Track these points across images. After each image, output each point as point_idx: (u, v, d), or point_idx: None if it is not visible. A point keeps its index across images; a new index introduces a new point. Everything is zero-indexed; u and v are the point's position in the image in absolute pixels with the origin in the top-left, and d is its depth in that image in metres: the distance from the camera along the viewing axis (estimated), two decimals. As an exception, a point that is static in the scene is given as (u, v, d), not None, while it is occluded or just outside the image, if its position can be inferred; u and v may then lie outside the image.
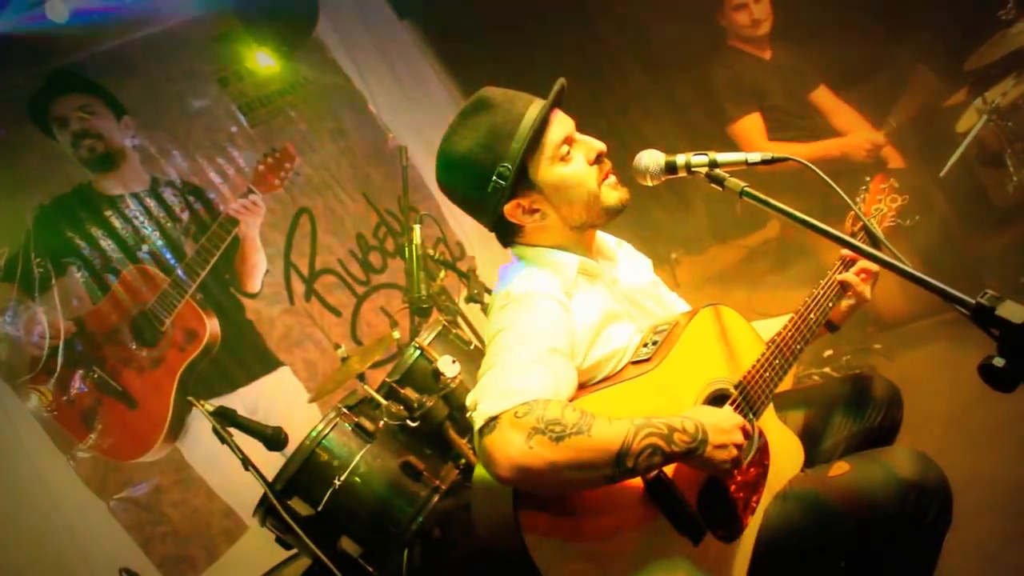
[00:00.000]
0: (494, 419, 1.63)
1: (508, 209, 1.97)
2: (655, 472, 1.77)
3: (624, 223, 2.11)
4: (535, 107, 1.95)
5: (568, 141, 1.98)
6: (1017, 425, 3.00)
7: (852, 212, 2.30)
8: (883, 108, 4.25)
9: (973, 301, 1.42)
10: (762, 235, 5.24)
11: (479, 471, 1.81)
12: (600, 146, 2.02)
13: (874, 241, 2.08)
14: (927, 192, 3.86)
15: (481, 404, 1.68)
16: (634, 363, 1.96)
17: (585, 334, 1.93)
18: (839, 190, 1.80)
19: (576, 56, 5.22)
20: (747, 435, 1.81)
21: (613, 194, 2.02)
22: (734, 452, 1.76)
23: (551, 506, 1.70)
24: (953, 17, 4.04)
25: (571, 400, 1.78)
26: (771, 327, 2.18)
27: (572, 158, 1.98)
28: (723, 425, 1.76)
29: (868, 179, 2.47)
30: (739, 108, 4.32)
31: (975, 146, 3.66)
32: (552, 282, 1.95)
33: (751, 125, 4.30)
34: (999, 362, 1.39)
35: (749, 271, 5.17)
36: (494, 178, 1.92)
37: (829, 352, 4.10)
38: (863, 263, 2.24)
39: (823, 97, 4.44)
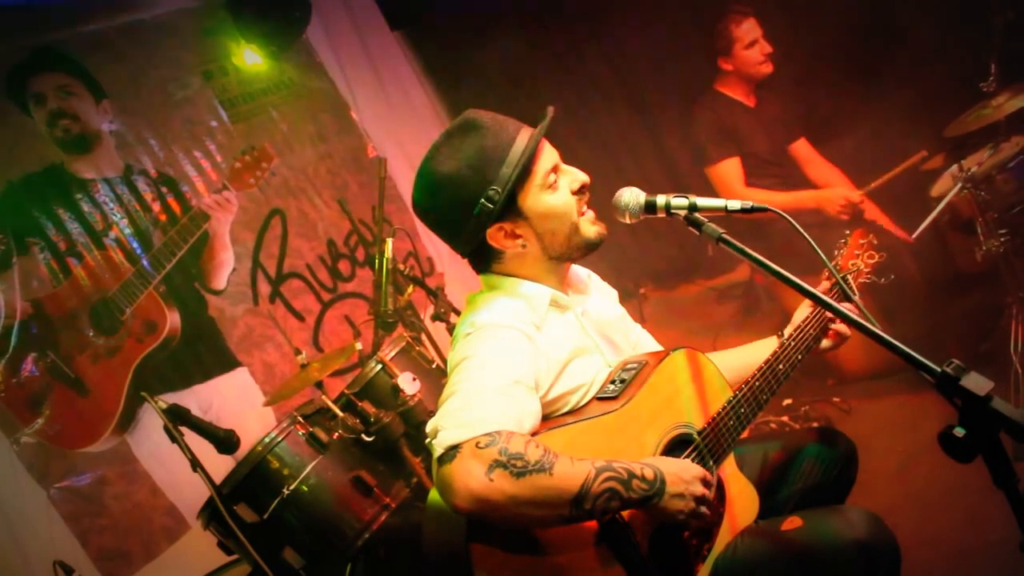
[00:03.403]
0: (455, 448, 1.62)
1: (491, 233, 1.95)
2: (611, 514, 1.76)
3: (595, 253, 2.10)
4: (525, 133, 1.95)
5: (555, 170, 1.98)
6: (966, 490, 3.03)
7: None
8: (860, 165, 4.31)
9: (939, 369, 1.43)
10: (732, 278, 5.28)
11: (434, 496, 1.79)
12: (584, 177, 2.02)
13: (847, 299, 2.10)
14: (896, 252, 3.91)
15: (442, 432, 1.66)
16: (600, 400, 1.95)
17: (552, 367, 1.92)
18: (817, 248, 1.81)
19: (564, 87, 5.24)
20: (708, 486, 1.81)
21: (592, 228, 2.02)
22: (692, 504, 1.75)
23: (503, 542, 1.69)
24: (938, 83, 4.12)
25: (534, 433, 1.77)
26: (736, 356, 2.24)
27: (558, 187, 1.98)
28: (683, 475, 1.76)
29: (848, 232, 2.49)
30: (719, 151, 4.35)
31: (948, 211, 3.71)
32: (521, 314, 1.94)
33: (730, 169, 4.34)
34: (959, 432, 1.40)
35: (716, 312, 5.20)
36: (482, 201, 1.90)
37: (788, 401, 4.13)
38: (836, 327, 2.26)
39: (802, 149, 4.50)
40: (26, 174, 3.95)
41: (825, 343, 2.30)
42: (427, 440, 1.70)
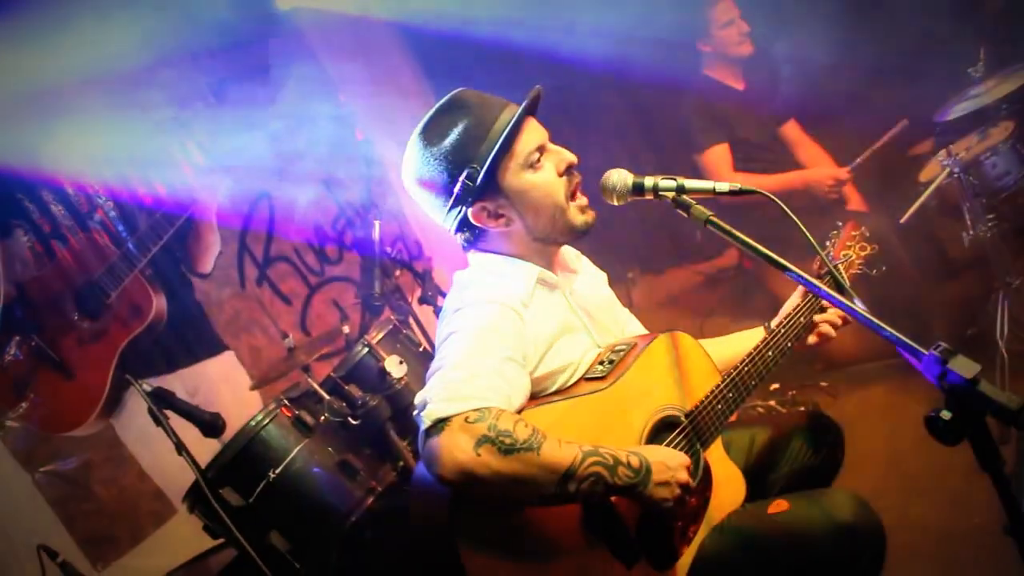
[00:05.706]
0: (444, 421, 1.62)
1: (473, 212, 1.95)
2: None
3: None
4: (509, 111, 1.94)
5: (540, 150, 1.96)
6: (951, 474, 3.04)
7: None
8: (850, 148, 4.30)
9: (926, 352, 1.42)
10: (721, 263, 5.27)
11: (420, 472, 1.78)
12: (571, 157, 2.00)
13: (839, 287, 2.09)
14: (885, 237, 3.91)
15: (431, 405, 1.66)
16: (588, 379, 1.95)
17: (539, 344, 1.92)
18: (806, 231, 1.80)
19: (554, 68, 5.21)
20: (692, 474, 1.81)
21: (580, 216, 2.01)
22: (677, 491, 1.76)
23: (489, 518, 1.69)
24: (927, 68, 4.10)
25: (521, 410, 1.77)
26: (724, 345, 2.24)
27: (542, 167, 1.96)
28: (668, 463, 1.76)
29: (840, 224, 2.48)
30: (708, 137, 4.34)
31: (936, 197, 3.70)
32: (509, 291, 1.93)
33: (719, 155, 4.32)
34: (946, 415, 1.40)
35: (704, 298, 5.20)
36: (462, 178, 1.90)
37: (775, 386, 4.13)
38: (828, 315, 2.26)
39: (792, 131, 4.49)
40: (9, 155, 3.91)
41: (811, 339, 2.29)
42: (415, 412, 1.70)
